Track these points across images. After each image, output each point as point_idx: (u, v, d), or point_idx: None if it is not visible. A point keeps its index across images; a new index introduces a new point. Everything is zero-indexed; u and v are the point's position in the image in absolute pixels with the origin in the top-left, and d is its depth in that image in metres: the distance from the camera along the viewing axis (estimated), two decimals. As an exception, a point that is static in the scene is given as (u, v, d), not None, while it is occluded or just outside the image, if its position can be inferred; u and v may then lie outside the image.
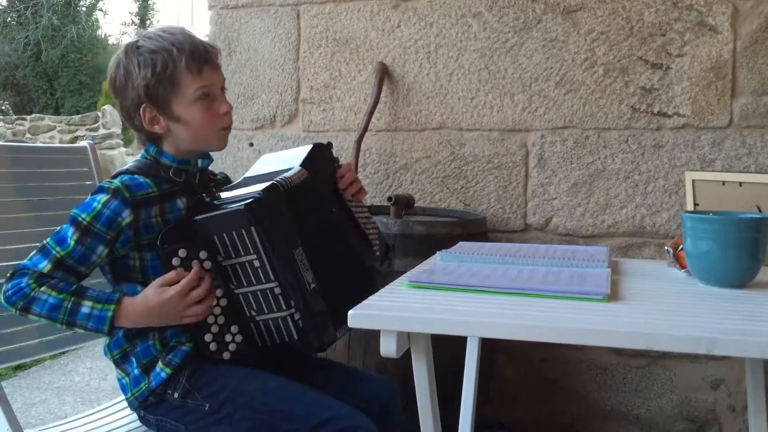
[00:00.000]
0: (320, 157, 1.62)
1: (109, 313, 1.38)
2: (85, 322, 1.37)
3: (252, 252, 1.41)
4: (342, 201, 1.64)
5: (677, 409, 2.47)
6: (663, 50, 2.39)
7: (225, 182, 1.69)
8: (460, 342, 1.81)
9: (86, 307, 1.37)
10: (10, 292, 1.37)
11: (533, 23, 2.50)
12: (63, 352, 3.68)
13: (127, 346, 1.48)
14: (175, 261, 1.41)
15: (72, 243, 1.40)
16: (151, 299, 1.39)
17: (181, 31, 1.48)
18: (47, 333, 1.81)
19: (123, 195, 1.42)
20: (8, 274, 1.40)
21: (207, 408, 1.41)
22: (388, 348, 1.19)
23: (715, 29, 2.34)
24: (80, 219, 1.41)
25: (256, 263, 1.41)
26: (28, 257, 1.41)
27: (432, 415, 1.38)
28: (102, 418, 1.75)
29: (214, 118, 1.49)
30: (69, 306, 1.37)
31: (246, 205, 1.39)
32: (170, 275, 1.40)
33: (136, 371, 1.46)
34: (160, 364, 1.45)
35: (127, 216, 1.42)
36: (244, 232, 1.40)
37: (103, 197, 1.42)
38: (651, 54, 2.39)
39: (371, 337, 1.93)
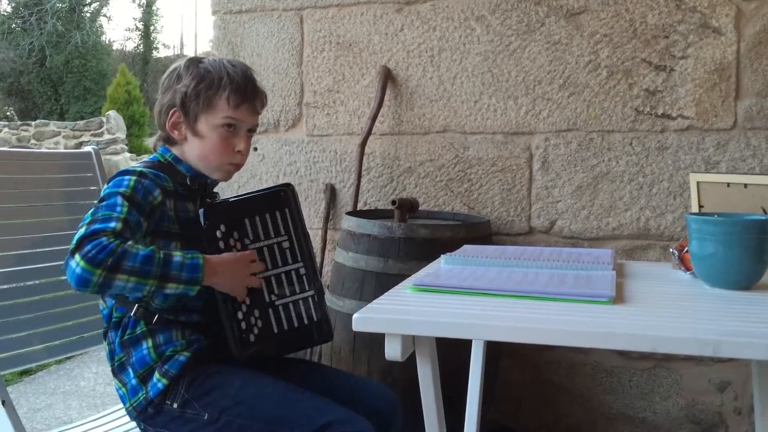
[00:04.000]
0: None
1: (200, 261, 1.37)
2: (179, 273, 1.34)
3: (284, 233, 1.50)
4: None
5: (683, 412, 2.46)
6: (666, 52, 2.38)
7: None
8: (464, 344, 1.81)
9: (177, 256, 1.35)
10: (94, 252, 1.25)
11: (536, 26, 2.50)
12: (68, 357, 3.69)
13: (123, 355, 1.48)
14: (218, 233, 1.47)
15: (125, 209, 1.36)
16: (228, 258, 1.45)
17: (244, 68, 1.55)
18: (52, 338, 1.81)
19: (150, 177, 1.45)
20: (73, 246, 1.27)
21: (206, 417, 1.41)
22: (393, 352, 1.19)
23: (718, 31, 2.34)
24: (121, 191, 1.39)
25: (286, 244, 1.51)
26: (83, 230, 1.29)
27: (437, 418, 1.38)
28: (107, 423, 1.75)
29: (227, 149, 1.53)
30: (161, 256, 1.32)
31: (283, 186, 1.51)
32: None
33: (133, 381, 1.46)
34: (156, 375, 1.44)
35: (158, 195, 1.44)
36: (278, 213, 1.50)
37: (132, 177, 1.43)
38: (654, 56, 2.39)
39: (376, 340, 1.93)
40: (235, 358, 1.47)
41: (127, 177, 1.43)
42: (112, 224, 1.31)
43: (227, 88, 1.50)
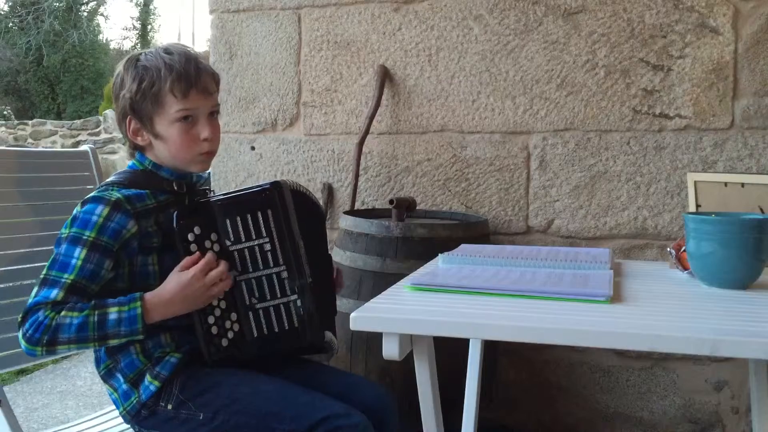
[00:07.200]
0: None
1: (138, 310, 1.34)
2: (117, 330, 1.33)
3: (265, 235, 1.43)
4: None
5: (680, 411, 2.46)
6: (664, 52, 2.38)
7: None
8: (461, 344, 1.81)
9: (113, 313, 1.34)
10: (30, 331, 1.31)
11: (534, 25, 2.50)
12: (65, 357, 3.69)
13: (110, 362, 1.46)
14: (190, 236, 1.40)
15: (79, 263, 1.35)
16: (173, 286, 1.38)
17: (180, 51, 1.46)
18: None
19: (125, 207, 1.40)
20: (19, 319, 1.34)
21: (201, 417, 1.40)
22: (390, 350, 1.19)
23: (716, 30, 2.34)
24: (85, 236, 1.37)
25: (267, 246, 1.43)
26: (32, 295, 1.35)
27: (435, 418, 1.38)
28: (104, 422, 1.75)
29: (193, 141, 1.47)
30: (95, 319, 1.32)
31: (269, 185, 1.43)
32: (187, 261, 1.39)
33: (124, 386, 1.45)
34: (148, 377, 1.43)
35: (132, 227, 1.40)
36: (260, 214, 1.42)
37: (102, 210, 1.39)
38: (652, 56, 2.39)
39: (373, 339, 1.93)
40: (206, 362, 1.44)
41: (97, 211, 1.38)
42: (54, 293, 1.33)
43: (168, 80, 1.41)
